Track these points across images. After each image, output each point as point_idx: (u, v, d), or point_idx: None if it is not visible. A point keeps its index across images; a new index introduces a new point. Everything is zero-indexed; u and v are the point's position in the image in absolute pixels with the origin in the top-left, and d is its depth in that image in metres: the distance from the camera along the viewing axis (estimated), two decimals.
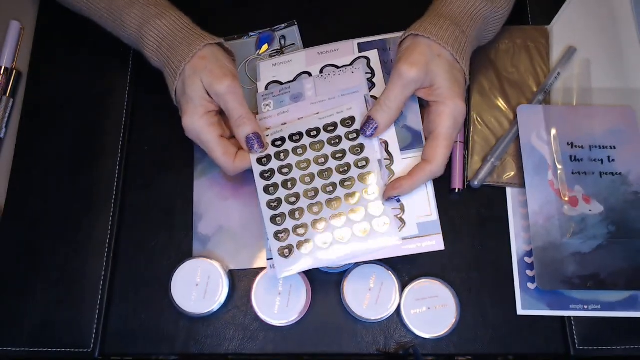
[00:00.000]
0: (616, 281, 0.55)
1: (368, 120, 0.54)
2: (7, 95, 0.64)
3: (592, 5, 0.66)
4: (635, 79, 0.63)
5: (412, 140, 0.55)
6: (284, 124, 0.56)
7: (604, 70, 0.64)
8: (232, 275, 0.58)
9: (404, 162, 0.54)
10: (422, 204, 0.53)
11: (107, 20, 0.59)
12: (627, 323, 0.56)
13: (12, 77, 0.65)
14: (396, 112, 0.53)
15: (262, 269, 0.57)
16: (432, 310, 0.56)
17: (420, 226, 0.52)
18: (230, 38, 0.66)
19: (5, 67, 0.65)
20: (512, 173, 0.60)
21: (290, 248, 0.52)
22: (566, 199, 0.58)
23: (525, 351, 0.56)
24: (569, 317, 0.56)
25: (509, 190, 0.61)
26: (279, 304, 0.55)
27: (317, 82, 0.58)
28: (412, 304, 0.56)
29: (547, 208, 0.58)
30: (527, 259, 0.58)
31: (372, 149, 0.54)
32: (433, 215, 0.53)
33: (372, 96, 0.57)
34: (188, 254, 0.59)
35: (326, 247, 0.52)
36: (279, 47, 0.65)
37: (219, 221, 0.60)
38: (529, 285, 0.57)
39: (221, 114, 0.56)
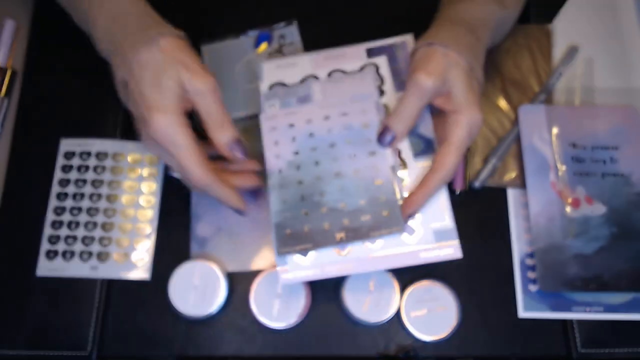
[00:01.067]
0: (619, 283, 0.55)
1: (385, 129, 0.53)
2: (2, 94, 0.63)
3: (595, 3, 0.66)
4: (638, 78, 0.63)
5: (425, 147, 0.54)
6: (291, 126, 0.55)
7: (606, 69, 0.63)
8: (231, 277, 0.58)
9: (418, 168, 0.53)
10: (437, 211, 0.52)
11: None
12: (630, 325, 0.56)
13: (7, 76, 0.64)
14: (413, 122, 0.52)
15: (261, 271, 0.56)
16: (432, 313, 0.55)
17: (436, 234, 0.51)
18: (228, 36, 0.65)
19: (0, 66, 0.64)
20: (514, 174, 0.60)
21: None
22: (568, 200, 0.57)
23: (527, 354, 0.56)
24: (571, 320, 0.56)
25: (510, 191, 0.60)
26: (278, 307, 0.55)
27: (325, 85, 0.57)
28: (413, 306, 0.55)
29: (549, 209, 0.57)
30: (528, 261, 0.58)
31: (384, 157, 0.53)
32: (449, 222, 0.52)
33: (384, 104, 0.56)
34: (186, 256, 0.58)
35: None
36: (277, 46, 0.65)
37: (218, 223, 0.59)
38: (531, 287, 0.57)
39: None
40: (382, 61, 0.58)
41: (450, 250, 0.51)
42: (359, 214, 0.51)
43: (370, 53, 0.59)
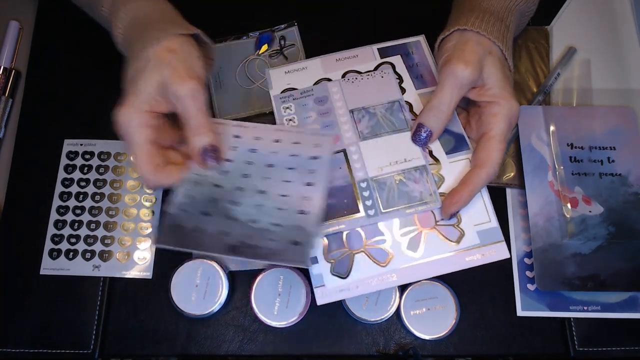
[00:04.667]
0: (616, 282, 0.55)
1: (419, 127, 0.50)
2: (6, 95, 0.64)
3: (592, 5, 0.66)
4: (635, 79, 0.63)
5: (456, 143, 0.52)
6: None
7: (604, 70, 0.63)
8: (232, 276, 0.58)
9: (452, 165, 0.51)
10: (480, 211, 0.50)
11: None
12: (627, 324, 0.56)
13: (11, 77, 0.65)
14: (450, 116, 0.50)
15: (262, 270, 0.57)
16: (431, 312, 0.56)
17: (480, 235, 0.50)
18: (230, 38, 0.66)
19: (4, 67, 0.65)
20: (512, 174, 0.60)
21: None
22: (566, 200, 0.58)
23: (525, 352, 0.56)
24: (569, 318, 0.57)
25: (508, 191, 0.61)
26: (279, 305, 0.55)
27: (343, 85, 0.55)
28: (412, 305, 0.56)
29: (547, 209, 0.58)
30: (527, 260, 0.58)
31: (319, 190, 0.50)
32: (492, 221, 0.50)
33: (406, 102, 0.55)
34: (188, 255, 0.59)
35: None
36: (278, 48, 0.65)
37: None
38: (529, 286, 0.57)
39: (170, 119, 0.51)
40: (397, 60, 0.57)
41: (497, 251, 0.49)
42: (266, 235, 0.48)
43: (383, 53, 0.57)
